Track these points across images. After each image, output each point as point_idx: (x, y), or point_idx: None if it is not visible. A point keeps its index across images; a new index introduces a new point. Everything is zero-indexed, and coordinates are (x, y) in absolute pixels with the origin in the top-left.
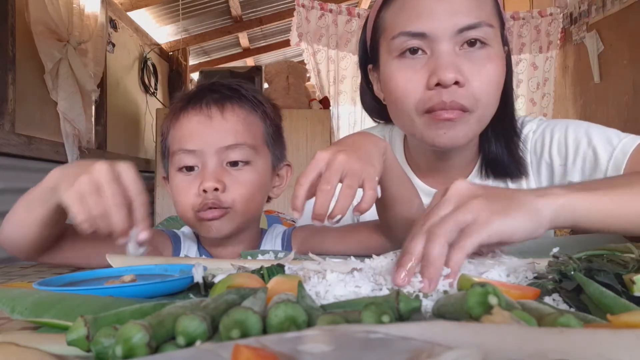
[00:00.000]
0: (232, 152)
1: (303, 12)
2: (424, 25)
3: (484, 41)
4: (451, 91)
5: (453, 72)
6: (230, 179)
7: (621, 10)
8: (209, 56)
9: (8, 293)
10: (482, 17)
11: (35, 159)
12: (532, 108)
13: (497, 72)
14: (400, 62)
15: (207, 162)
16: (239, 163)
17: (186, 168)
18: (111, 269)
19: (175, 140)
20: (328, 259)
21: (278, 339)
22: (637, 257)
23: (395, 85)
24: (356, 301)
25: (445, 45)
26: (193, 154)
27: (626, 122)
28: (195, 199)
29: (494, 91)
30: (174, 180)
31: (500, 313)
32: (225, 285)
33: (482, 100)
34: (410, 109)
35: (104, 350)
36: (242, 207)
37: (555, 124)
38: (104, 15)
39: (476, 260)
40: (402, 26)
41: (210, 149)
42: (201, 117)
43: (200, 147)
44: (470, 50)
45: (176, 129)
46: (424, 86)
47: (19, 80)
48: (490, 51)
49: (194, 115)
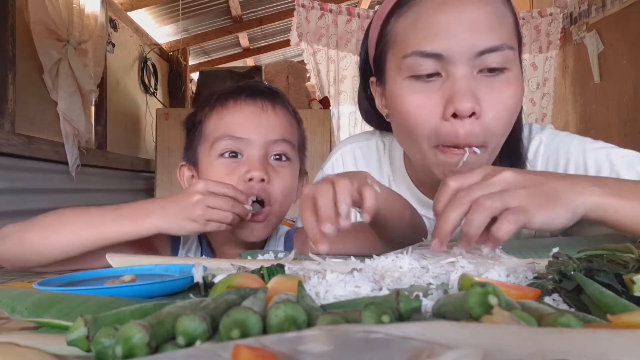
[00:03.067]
0: (278, 145)
1: (303, 12)
2: (441, 45)
3: (503, 66)
4: (466, 124)
5: (471, 101)
6: (273, 172)
7: (621, 10)
8: (209, 56)
9: (8, 293)
10: (503, 38)
11: (35, 159)
12: (532, 108)
13: (515, 99)
14: (412, 85)
15: (255, 152)
16: (283, 157)
17: (230, 154)
18: (111, 269)
19: (220, 127)
20: (328, 259)
21: (278, 339)
22: (637, 257)
23: (406, 110)
24: (356, 301)
25: (462, 69)
26: (241, 141)
27: (626, 122)
28: (238, 187)
29: (509, 120)
30: (214, 166)
31: (500, 313)
32: (225, 285)
33: (496, 132)
34: (422, 139)
35: (104, 350)
36: (280, 204)
37: (571, 140)
38: (104, 15)
39: (476, 260)
40: (416, 44)
41: (260, 139)
42: (255, 108)
43: (249, 136)
44: (489, 75)
45: (223, 116)
46: (439, 115)
47: (19, 80)
48: (509, 75)
49: (247, 105)
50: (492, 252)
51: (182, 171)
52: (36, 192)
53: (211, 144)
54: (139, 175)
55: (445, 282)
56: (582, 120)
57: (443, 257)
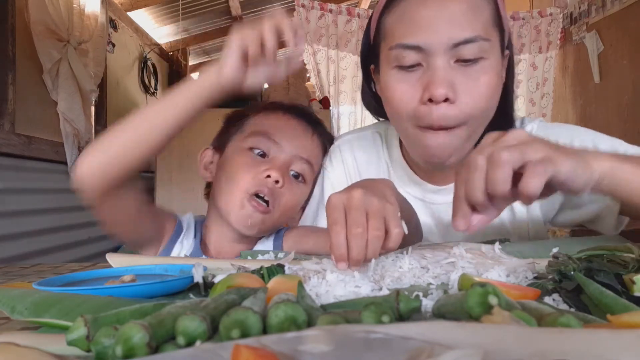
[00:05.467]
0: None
1: (303, 12)
2: (420, 38)
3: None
4: (441, 108)
5: (444, 88)
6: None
7: (621, 10)
8: (209, 56)
9: (8, 293)
10: (478, 29)
11: (35, 159)
12: (531, 108)
13: (491, 85)
14: (397, 74)
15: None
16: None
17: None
18: (111, 269)
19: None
20: (328, 259)
21: (278, 339)
22: (637, 257)
23: (391, 96)
24: (356, 301)
25: (440, 60)
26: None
27: (626, 122)
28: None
29: (485, 104)
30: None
31: (500, 313)
32: (225, 285)
33: (473, 114)
34: (404, 120)
35: (104, 350)
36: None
37: (560, 129)
38: (104, 15)
39: (476, 260)
40: (399, 37)
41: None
42: (298, 124)
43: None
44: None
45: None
46: (418, 100)
47: (19, 80)
48: (484, 64)
49: (293, 119)
50: (493, 251)
51: (205, 154)
52: (36, 192)
53: (247, 135)
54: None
55: (445, 282)
56: (582, 120)
57: (443, 257)
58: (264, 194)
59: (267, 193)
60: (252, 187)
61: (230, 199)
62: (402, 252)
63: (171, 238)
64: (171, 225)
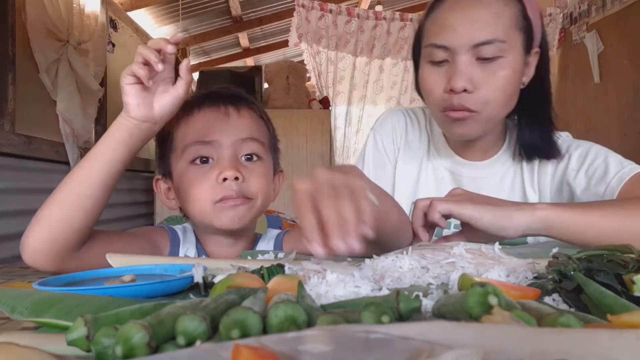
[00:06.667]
0: (247, 145)
1: (303, 13)
2: (447, 39)
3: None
4: (460, 96)
5: (463, 81)
6: (246, 171)
7: (621, 10)
8: (209, 56)
9: (8, 293)
10: (497, 32)
11: (35, 159)
12: None
13: (506, 79)
14: (429, 68)
15: (224, 154)
16: (254, 157)
17: (201, 160)
18: (111, 269)
19: (189, 134)
20: (328, 260)
21: (278, 339)
22: (637, 257)
23: (426, 85)
24: (356, 301)
25: (462, 57)
26: (210, 145)
27: (626, 122)
28: (213, 191)
29: (501, 95)
30: (186, 173)
31: (500, 313)
32: (225, 285)
33: (489, 103)
34: (434, 106)
35: (104, 350)
36: (262, 198)
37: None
38: (104, 15)
39: (476, 261)
40: (432, 38)
41: (228, 139)
42: (219, 113)
43: (217, 138)
44: (485, 62)
45: (190, 124)
46: (443, 90)
47: (19, 80)
48: (502, 61)
49: (211, 110)
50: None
51: (159, 184)
52: (36, 192)
53: (181, 152)
54: (138, 175)
55: (445, 282)
56: (582, 120)
57: (443, 257)
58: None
59: (235, 194)
60: (217, 195)
61: (203, 214)
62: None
63: (171, 250)
64: (165, 239)
